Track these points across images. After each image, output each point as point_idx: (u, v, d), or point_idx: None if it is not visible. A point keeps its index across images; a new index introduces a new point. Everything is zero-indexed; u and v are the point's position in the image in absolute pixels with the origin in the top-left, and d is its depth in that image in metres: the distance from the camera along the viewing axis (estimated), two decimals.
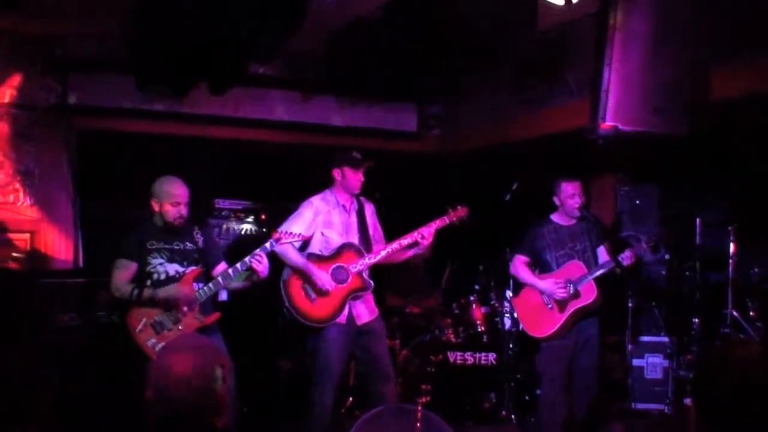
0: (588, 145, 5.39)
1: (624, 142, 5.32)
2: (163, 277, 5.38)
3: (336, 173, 5.92)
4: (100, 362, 6.50)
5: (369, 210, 6.16)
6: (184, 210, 5.42)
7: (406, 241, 5.86)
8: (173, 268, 5.41)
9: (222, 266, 5.61)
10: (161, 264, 5.39)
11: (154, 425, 2.90)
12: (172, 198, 5.38)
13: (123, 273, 5.36)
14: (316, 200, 5.93)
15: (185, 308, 5.31)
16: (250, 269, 5.36)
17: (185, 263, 5.45)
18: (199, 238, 5.55)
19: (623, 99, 5.13)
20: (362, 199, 6.12)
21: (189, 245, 5.50)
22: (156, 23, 6.41)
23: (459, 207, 6.02)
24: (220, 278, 5.41)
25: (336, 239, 5.86)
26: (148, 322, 5.26)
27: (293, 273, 5.78)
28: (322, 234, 5.85)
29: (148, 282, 5.36)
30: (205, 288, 5.39)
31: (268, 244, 5.38)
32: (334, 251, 5.82)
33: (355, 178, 5.88)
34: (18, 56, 7.50)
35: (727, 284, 6.69)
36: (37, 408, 5.88)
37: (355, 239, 5.92)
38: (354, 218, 6.00)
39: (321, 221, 5.86)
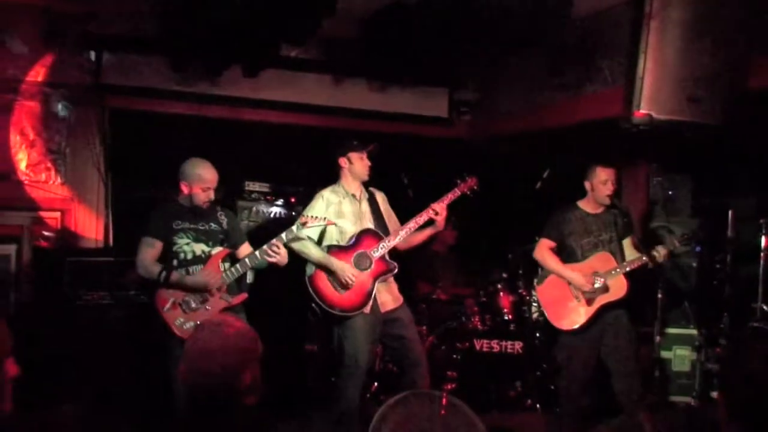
0: (622, 134, 5.34)
1: (658, 130, 5.26)
2: (189, 256, 5.43)
3: (342, 161, 5.94)
4: (130, 340, 6.58)
5: (380, 197, 6.16)
6: (212, 194, 5.48)
7: (421, 219, 5.86)
8: (199, 248, 5.46)
9: (246, 247, 5.67)
10: (187, 244, 5.44)
11: (186, 401, 2.93)
12: (203, 182, 5.42)
13: (150, 251, 5.40)
14: (325, 192, 5.94)
15: (214, 289, 5.37)
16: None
17: (211, 243, 5.50)
18: (223, 219, 5.61)
19: (658, 87, 5.06)
20: (372, 189, 6.13)
21: (214, 226, 5.55)
22: (191, 4, 6.43)
23: (468, 177, 5.99)
24: (247, 260, 5.44)
25: (350, 228, 5.86)
26: (176, 301, 5.32)
27: (317, 267, 5.79)
28: (336, 224, 5.85)
29: (175, 262, 5.41)
30: (233, 269, 5.44)
31: (294, 227, 5.40)
32: (353, 240, 5.83)
33: (362, 163, 5.90)
34: (53, 34, 7.51)
35: (758, 278, 6.62)
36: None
37: (369, 225, 5.93)
38: (365, 206, 6.00)
39: (333, 212, 5.85)
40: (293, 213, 7.90)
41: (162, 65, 7.76)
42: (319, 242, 5.86)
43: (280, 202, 8.07)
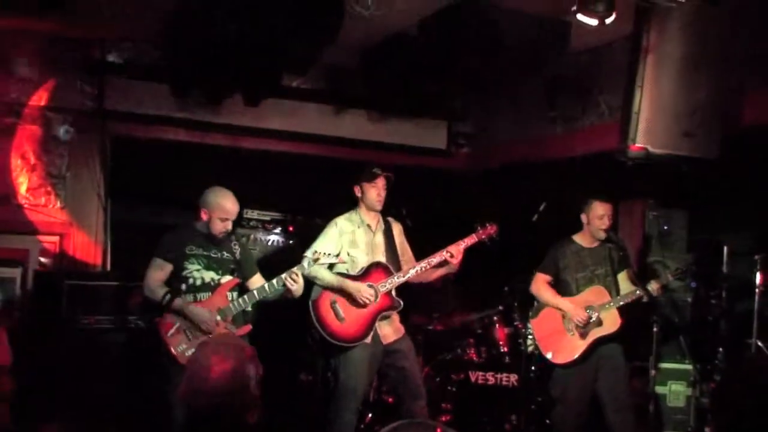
0: (618, 167, 5.38)
1: (654, 164, 5.30)
2: (198, 283, 5.41)
3: (356, 190, 5.94)
4: (126, 365, 6.58)
5: (397, 230, 6.14)
6: (230, 225, 5.48)
7: (434, 260, 5.84)
8: (209, 276, 5.44)
9: (257, 279, 5.65)
10: (198, 270, 5.42)
11: (186, 421, 2.94)
12: (224, 213, 5.42)
13: (158, 273, 5.40)
14: (340, 220, 5.93)
15: (218, 318, 5.34)
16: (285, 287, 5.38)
17: (220, 272, 5.48)
18: (236, 249, 5.59)
19: (654, 121, 5.12)
20: (390, 219, 6.13)
21: (226, 254, 5.53)
22: (193, 32, 6.49)
23: (488, 225, 5.98)
24: (255, 292, 5.43)
25: (362, 258, 5.86)
26: (180, 327, 5.29)
27: (323, 292, 5.77)
28: (348, 254, 5.85)
29: (183, 286, 5.39)
30: (240, 300, 5.43)
31: (305, 263, 5.38)
32: (362, 270, 5.82)
33: (373, 192, 5.88)
34: (56, 59, 7.59)
35: (753, 313, 6.62)
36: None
37: (381, 258, 5.91)
38: (380, 238, 5.99)
39: (346, 241, 5.86)
40: (290, 241, 7.92)
41: (164, 92, 7.80)
42: (329, 269, 5.84)
43: (278, 230, 8.08)
